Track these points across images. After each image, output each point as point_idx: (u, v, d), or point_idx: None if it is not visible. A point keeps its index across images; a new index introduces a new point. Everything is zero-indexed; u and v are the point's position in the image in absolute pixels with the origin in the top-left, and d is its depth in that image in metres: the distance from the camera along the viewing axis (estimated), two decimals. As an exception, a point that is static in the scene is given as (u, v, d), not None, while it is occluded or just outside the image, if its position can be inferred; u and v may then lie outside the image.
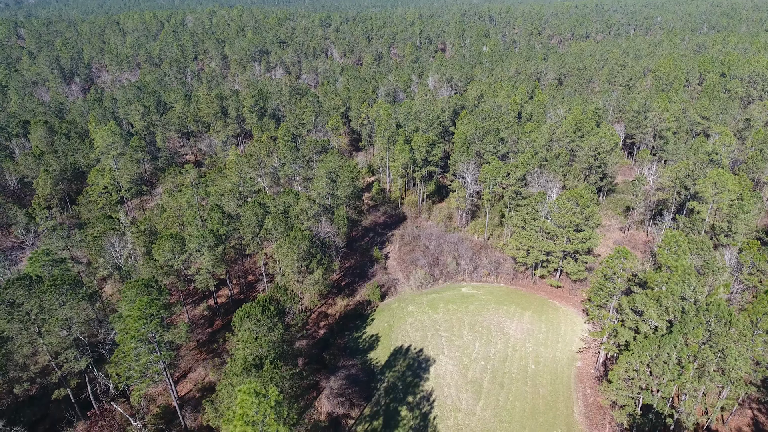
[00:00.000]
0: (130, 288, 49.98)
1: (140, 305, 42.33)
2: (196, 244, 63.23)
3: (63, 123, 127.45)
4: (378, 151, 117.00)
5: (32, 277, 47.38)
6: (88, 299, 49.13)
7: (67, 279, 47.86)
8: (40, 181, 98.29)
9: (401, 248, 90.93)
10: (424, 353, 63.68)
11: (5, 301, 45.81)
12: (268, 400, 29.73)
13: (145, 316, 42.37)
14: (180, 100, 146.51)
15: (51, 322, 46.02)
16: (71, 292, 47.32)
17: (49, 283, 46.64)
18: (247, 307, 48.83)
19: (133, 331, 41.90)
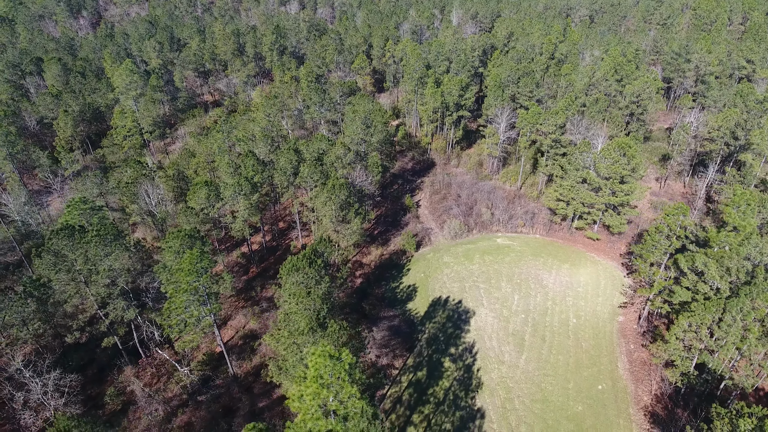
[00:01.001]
0: (173, 238, 48.85)
1: (191, 259, 41.22)
2: (232, 191, 61.50)
3: (77, 61, 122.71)
4: (405, 94, 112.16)
5: (75, 227, 46.17)
6: (131, 249, 48.14)
7: (110, 229, 46.65)
8: (60, 123, 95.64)
9: (432, 196, 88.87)
10: (463, 305, 63.24)
11: (51, 251, 44.90)
12: (342, 363, 28.93)
13: (196, 270, 41.35)
14: (195, 37, 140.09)
15: (97, 273, 45.28)
16: (115, 243, 46.24)
17: (93, 233, 45.47)
18: (294, 260, 47.71)
19: (185, 284, 41.06)
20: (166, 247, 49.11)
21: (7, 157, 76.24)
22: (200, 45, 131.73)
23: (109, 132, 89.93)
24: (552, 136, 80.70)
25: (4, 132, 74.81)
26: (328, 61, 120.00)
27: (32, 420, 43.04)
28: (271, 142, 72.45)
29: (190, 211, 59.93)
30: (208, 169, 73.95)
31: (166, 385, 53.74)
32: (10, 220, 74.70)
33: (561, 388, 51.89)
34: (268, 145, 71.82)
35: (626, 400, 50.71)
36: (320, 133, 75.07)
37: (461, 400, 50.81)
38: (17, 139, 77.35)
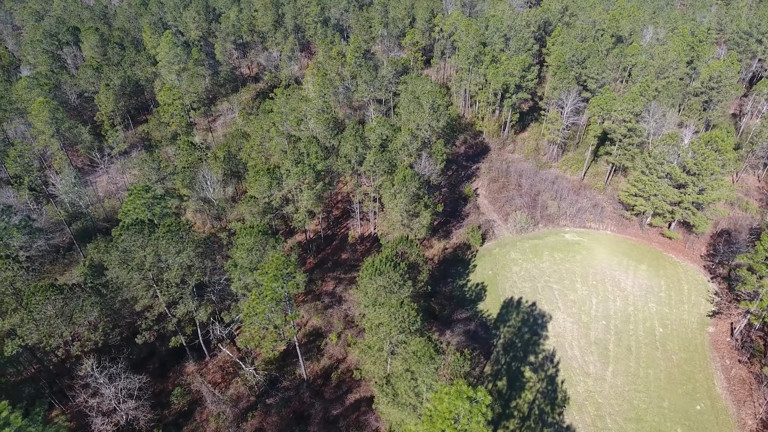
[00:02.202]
0: (245, 235, 45.40)
1: (277, 264, 37.70)
2: (296, 180, 57.67)
3: (114, 31, 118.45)
4: (457, 72, 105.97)
5: (144, 221, 42.92)
6: (202, 246, 44.90)
7: (181, 225, 43.34)
8: (102, 97, 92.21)
9: (490, 184, 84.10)
10: (537, 307, 59.35)
11: (120, 248, 41.83)
12: (479, 405, 25.36)
13: (282, 276, 37.89)
14: (232, 6, 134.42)
15: (169, 271, 42.21)
16: (187, 239, 42.98)
17: (164, 230, 42.20)
18: (377, 262, 44.03)
19: (269, 291, 37.67)
20: (238, 243, 45.74)
21: (54, 134, 73.22)
22: (238, 15, 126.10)
23: (156, 109, 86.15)
24: (628, 124, 74.76)
25: (52, 108, 71.58)
26: (374, 35, 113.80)
27: (104, 425, 40.82)
28: (332, 126, 67.90)
29: (253, 201, 56.37)
30: (262, 152, 70.03)
31: (231, 385, 51.36)
32: (57, 201, 72.23)
33: (656, 406, 48.12)
34: (329, 129, 67.33)
35: (729, 423, 46.83)
36: (382, 117, 70.29)
37: (548, 416, 47.44)
38: (64, 116, 74.15)
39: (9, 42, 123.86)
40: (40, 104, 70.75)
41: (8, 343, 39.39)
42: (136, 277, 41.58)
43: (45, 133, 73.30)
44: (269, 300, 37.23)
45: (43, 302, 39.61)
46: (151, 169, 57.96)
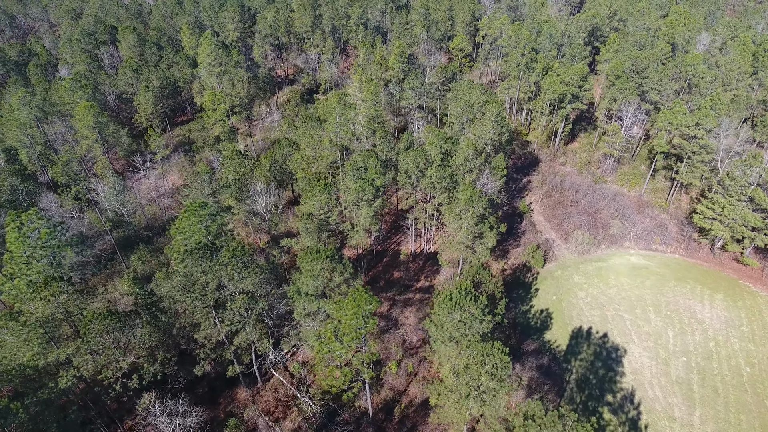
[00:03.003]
0: (311, 260, 42.09)
1: (359, 301, 34.22)
2: (354, 197, 54.23)
3: (151, 31, 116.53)
4: (505, 79, 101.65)
5: (207, 245, 39.83)
6: (266, 271, 41.71)
7: (245, 250, 40.17)
8: (141, 99, 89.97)
9: (544, 199, 79.86)
10: (609, 339, 55.13)
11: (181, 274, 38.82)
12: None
13: (363, 316, 34.43)
14: (269, 7, 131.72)
15: (233, 302, 39.08)
16: (252, 266, 39.80)
17: (229, 254, 39.06)
18: (456, 295, 40.35)
19: (349, 330, 34.22)
20: (303, 269, 42.46)
21: (97, 139, 70.94)
22: (275, 16, 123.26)
23: (199, 114, 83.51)
24: (700, 141, 69.91)
25: (96, 112, 69.26)
26: (416, 38, 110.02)
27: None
28: (389, 138, 64.34)
29: (309, 219, 53.08)
30: (313, 163, 66.77)
31: (287, 416, 48.19)
32: (99, 207, 69.90)
33: (754, 460, 43.77)
34: (386, 141, 63.78)
35: (839, 482, 42.27)
36: (441, 130, 66.55)
37: (634, 466, 43.37)
38: (108, 120, 71.83)
39: (46, 40, 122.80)
40: (84, 108, 68.48)
41: (63, 374, 36.62)
42: (200, 305, 38.52)
43: (88, 138, 71.11)
44: (349, 340, 33.80)
45: (101, 331, 36.76)
46: (204, 182, 54.99)
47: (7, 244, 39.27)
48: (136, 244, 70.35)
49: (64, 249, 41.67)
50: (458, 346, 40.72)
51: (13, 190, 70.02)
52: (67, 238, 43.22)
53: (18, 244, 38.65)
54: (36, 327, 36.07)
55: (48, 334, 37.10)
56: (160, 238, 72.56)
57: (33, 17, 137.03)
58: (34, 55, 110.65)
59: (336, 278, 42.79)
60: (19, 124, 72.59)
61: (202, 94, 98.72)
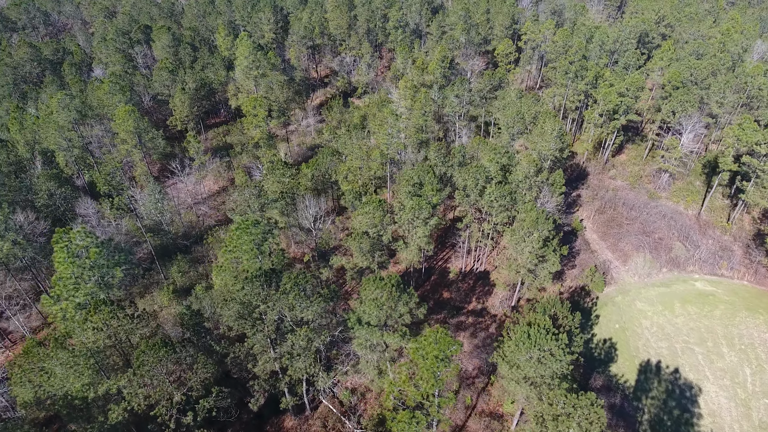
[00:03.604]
0: (375, 288, 39.00)
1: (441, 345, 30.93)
2: (411, 214, 50.99)
3: (185, 31, 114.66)
4: (550, 86, 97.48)
5: (268, 272, 36.92)
6: (330, 301, 38.71)
7: (308, 278, 37.20)
8: (177, 101, 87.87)
9: (596, 216, 75.75)
10: (681, 376, 51.11)
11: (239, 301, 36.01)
12: None
13: (443, 359, 31.16)
14: (302, 7, 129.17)
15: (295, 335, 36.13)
16: (316, 297, 36.82)
17: (291, 283, 36.12)
18: (536, 335, 36.86)
19: (428, 374, 31.00)
20: (364, 297, 39.38)
21: (137, 144, 68.83)
22: (310, 17, 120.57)
23: (241, 120, 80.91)
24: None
25: (136, 117, 67.12)
26: (457, 42, 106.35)
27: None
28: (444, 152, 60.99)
29: (363, 237, 50.02)
30: (360, 175, 63.69)
31: (338, 449, 45.27)
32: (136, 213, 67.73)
33: None
34: (441, 155, 60.40)
35: None
36: (497, 144, 63.02)
37: None
38: (147, 125, 69.68)
39: (79, 38, 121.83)
40: (124, 112, 66.39)
41: (113, 407, 34.07)
42: (260, 337, 35.66)
43: (127, 143, 69.08)
44: (429, 387, 30.57)
45: (155, 362, 34.11)
46: (251, 195, 52.21)
47: (56, 264, 36.90)
48: (174, 254, 68.15)
49: (113, 269, 39.21)
50: (536, 389, 37.27)
51: (50, 195, 68.39)
52: (115, 256, 40.79)
53: (67, 265, 36.27)
54: (86, 357, 33.55)
55: (98, 363, 34.56)
56: (197, 248, 70.32)
57: (66, 15, 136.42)
58: (69, 54, 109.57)
59: (401, 308, 39.64)
60: (58, 127, 70.85)
61: (237, 96, 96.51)
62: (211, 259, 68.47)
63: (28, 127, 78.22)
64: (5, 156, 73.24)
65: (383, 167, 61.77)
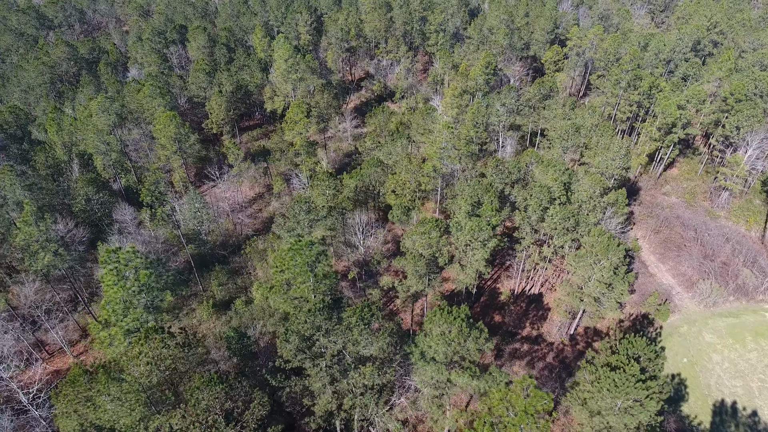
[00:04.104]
0: (442, 322, 35.90)
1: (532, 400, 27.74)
2: (469, 236, 47.74)
3: (221, 31, 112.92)
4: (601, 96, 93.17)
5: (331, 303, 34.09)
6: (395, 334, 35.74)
7: (373, 310, 34.28)
8: (214, 104, 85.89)
9: (652, 235, 71.54)
10: (761, 420, 47.02)
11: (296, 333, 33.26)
12: None
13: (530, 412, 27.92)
14: (335, 8, 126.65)
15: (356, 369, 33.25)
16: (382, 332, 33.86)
17: (355, 315, 33.23)
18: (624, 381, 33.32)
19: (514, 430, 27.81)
20: (430, 331, 36.31)
21: (177, 150, 66.86)
22: (346, 19, 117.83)
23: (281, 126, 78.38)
24: None
25: (177, 123, 65.10)
26: (501, 47, 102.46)
27: None
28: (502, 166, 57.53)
29: (418, 259, 46.94)
30: (409, 189, 60.61)
31: (391, 489, 42.23)
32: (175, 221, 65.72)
33: None
34: (500, 172, 56.97)
35: None
36: (551, 159, 59.39)
37: None
38: (188, 131, 67.67)
39: (114, 37, 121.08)
40: (166, 118, 64.43)
41: (165, 446, 31.62)
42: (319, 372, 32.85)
43: (167, 149, 67.13)
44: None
45: (210, 399, 31.56)
46: (301, 209, 49.44)
47: (104, 287, 34.62)
48: (212, 264, 66.06)
49: (163, 293, 36.86)
50: (621, 442, 33.80)
51: (87, 200, 66.86)
52: (164, 277, 38.45)
53: (117, 289, 33.97)
54: (138, 391, 31.14)
55: (150, 398, 32.14)
56: (235, 258, 68.13)
57: (101, 13, 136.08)
58: (104, 53, 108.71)
59: (470, 345, 36.46)
60: (97, 131, 69.29)
61: (273, 99, 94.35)
62: (250, 270, 66.24)
63: (66, 129, 77.06)
64: (43, 158, 72.08)
65: (434, 181, 58.60)
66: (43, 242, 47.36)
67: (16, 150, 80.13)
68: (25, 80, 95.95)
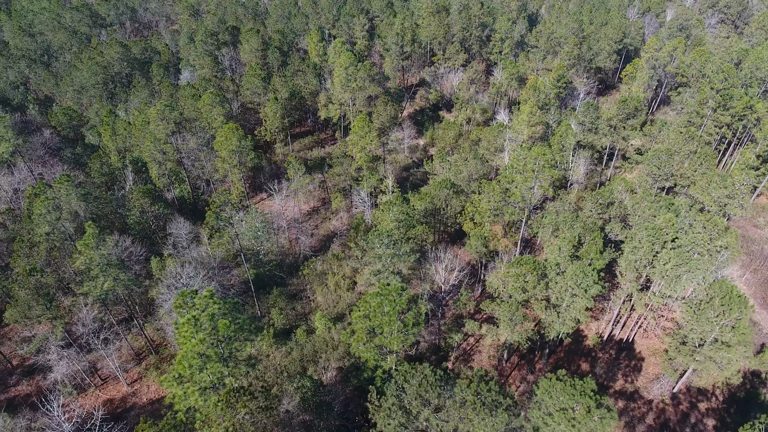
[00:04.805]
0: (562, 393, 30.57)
1: None
2: (572, 281, 42.11)
3: (274, 34, 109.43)
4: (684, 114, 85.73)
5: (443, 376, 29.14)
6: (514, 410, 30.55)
7: (491, 385, 29.17)
8: (269, 111, 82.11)
9: (749, 275, 64.32)
10: None
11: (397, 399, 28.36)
12: None
13: None
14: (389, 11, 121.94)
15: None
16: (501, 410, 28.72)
17: (471, 392, 28.17)
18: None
19: None
20: (548, 404, 31.01)
21: (237, 164, 63.13)
22: (402, 24, 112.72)
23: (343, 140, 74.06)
24: None
25: (240, 136, 61.30)
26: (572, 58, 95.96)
27: None
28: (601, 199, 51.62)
29: (515, 306, 41.62)
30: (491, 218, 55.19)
31: None
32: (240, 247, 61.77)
33: None
34: (598, 204, 51.14)
35: None
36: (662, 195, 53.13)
37: None
38: (250, 144, 63.84)
39: (165, 37, 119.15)
40: (229, 130, 60.70)
41: None
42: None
43: (227, 162, 63.44)
44: None
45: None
46: (382, 243, 44.53)
47: (180, 337, 30.53)
48: (269, 286, 62.12)
49: (243, 345, 32.58)
50: None
51: (142, 212, 63.77)
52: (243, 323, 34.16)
53: (195, 343, 29.84)
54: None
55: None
56: (293, 280, 64.04)
57: (152, 12, 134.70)
58: (156, 53, 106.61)
59: (589, 424, 31.02)
60: (154, 139, 66.21)
61: (327, 107, 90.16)
62: (309, 295, 62.06)
63: (120, 134, 74.49)
64: (98, 166, 69.55)
65: (522, 212, 53.10)
66: (104, 267, 43.90)
67: (70, 154, 78.17)
68: (78, 80, 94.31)
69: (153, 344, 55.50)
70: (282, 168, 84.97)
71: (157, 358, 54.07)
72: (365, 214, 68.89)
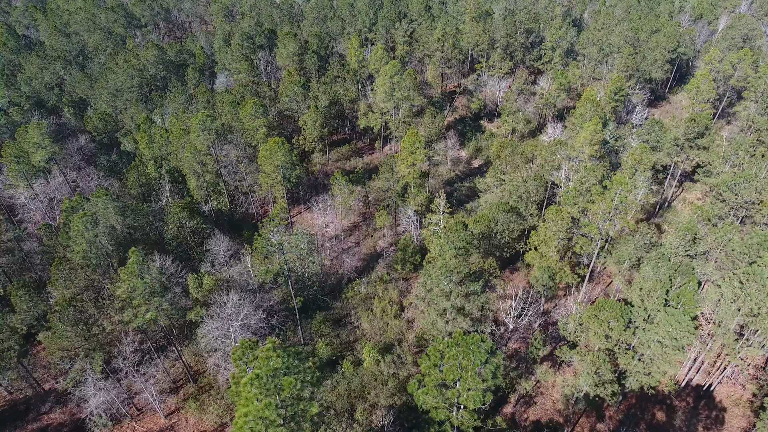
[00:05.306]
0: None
1: None
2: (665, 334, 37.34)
3: (311, 38, 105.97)
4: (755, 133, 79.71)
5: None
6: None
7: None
8: (308, 120, 78.55)
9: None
10: None
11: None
12: None
13: None
14: (428, 15, 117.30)
15: None
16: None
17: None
18: None
19: None
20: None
21: (281, 180, 59.65)
22: (444, 29, 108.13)
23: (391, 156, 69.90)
24: None
25: (285, 151, 57.76)
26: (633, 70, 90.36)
27: None
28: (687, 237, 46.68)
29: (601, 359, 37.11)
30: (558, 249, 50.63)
31: None
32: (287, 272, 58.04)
33: None
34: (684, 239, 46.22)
35: None
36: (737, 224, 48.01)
37: None
38: (296, 159, 60.34)
39: (199, 38, 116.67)
40: (274, 144, 57.22)
41: None
42: None
43: (271, 177, 60.02)
44: None
45: None
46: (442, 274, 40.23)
47: (239, 399, 26.90)
48: (312, 311, 58.54)
49: (310, 405, 28.86)
50: None
51: (180, 227, 60.72)
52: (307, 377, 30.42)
53: (259, 408, 26.21)
54: None
55: None
56: (335, 303, 60.34)
57: (186, 13, 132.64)
58: (192, 56, 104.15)
59: None
60: (194, 150, 63.14)
61: (368, 116, 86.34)
62: (354, 321, 58.30)
63: (157, 142, 71.72)
64: (135, 176, 66.84)
65: (593, 244, 48.41)
66: (147, 296, 40.68)
67: (105, 161, 75.76)
68: (113, 82, 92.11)
69: (191, 370, 52.38)
70: (320, 179, 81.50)
71: (195, 387, 50.89)
72: (413, 234, 64.95)
